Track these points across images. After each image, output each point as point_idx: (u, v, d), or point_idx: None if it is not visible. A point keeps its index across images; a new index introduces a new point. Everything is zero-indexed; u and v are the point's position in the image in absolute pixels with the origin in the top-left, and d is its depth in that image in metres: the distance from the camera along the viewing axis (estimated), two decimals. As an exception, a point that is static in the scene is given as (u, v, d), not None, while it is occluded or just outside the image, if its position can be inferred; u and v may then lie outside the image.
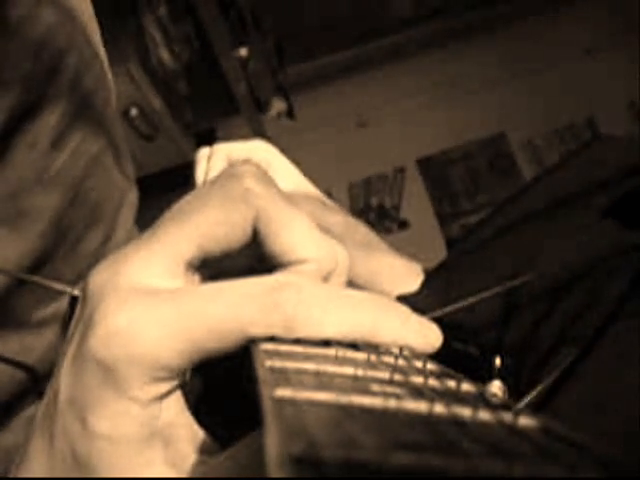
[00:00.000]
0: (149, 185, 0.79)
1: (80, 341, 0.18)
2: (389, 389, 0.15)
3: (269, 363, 0.16)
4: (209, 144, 0.51)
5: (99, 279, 0.19)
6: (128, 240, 0.46)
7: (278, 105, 1.72)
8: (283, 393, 0.13)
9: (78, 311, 0.20)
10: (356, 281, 0.47)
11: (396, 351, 0.19)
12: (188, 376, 0.20)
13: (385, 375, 0.16)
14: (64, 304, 0.40)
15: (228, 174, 0.21)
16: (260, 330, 0.18)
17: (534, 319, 0.37)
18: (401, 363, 0.18)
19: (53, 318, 0.40)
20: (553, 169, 0.48)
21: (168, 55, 1.47)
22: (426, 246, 1.29)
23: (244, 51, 1.50)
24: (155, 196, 0.72)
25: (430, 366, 0.18)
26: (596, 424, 0.28)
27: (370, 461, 0.10)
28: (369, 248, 0.50)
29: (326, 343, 0.18)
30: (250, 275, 0.19)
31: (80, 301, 0.20)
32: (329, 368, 0.16)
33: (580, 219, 0.41)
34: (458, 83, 2.03)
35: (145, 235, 0.20)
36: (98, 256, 0.42)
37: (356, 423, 0.12)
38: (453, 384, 0.17)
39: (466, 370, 0.19)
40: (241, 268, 0.23)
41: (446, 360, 0.20)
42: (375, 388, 0.15)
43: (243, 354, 0.18)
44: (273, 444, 0.10)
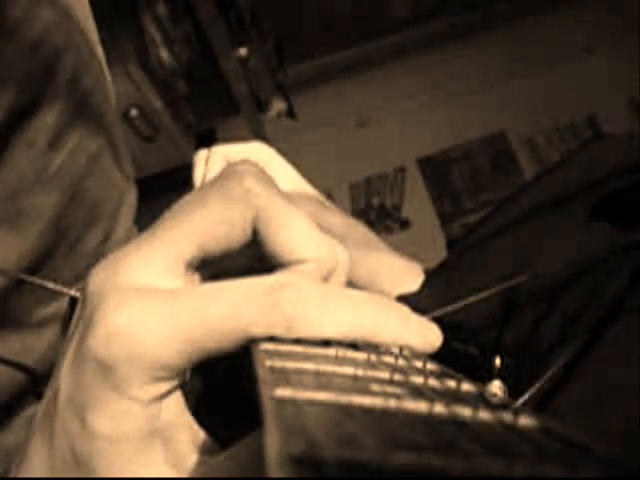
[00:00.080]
0: (149, 185, 0.79)
1: (80, 341, 0.18)
2: (389, 389, 0.15)
3: (269, 363, 0.16)
4: (209, 144, 0.52)
5: (99, 279, 0.19)
6: (127, 240, 0.46)
7: (278, 105, 1.72)
8: (283, 393, 0.13)
9: (78, 311, 0.20)
10: (356, 281, 0.47)
11: (396, 351, 0.19)
12: (188, 376, 0.20)
13: (385, 375, 0.16)
14: (64, 304, 0.40)
15: (228, 174, 0.21)
16: (260, 330, 0.18)
17: (534, 319, 0.37)
18: (401, 363, 0.18)
19: (53, 318, 0.40)
20: (553, 168, 0.48)
21: (168, 55, 1.47)
22: (428, 245, 1.29)
23: (244, 51, 1.50)
24: (155, 196, 0.72)
25: (430, 366, 0.18)
26: (596, 424, 0.28)
27: (370, 461, 0.10)
28: (369, 248, 0.50)
29: (326, 343, 0.18)
30: (250, 275, 0.19)
31: (80, 301, 0.20)
32: (329, 368, 0.16)
33: (580, 218, 0.41)
34: (458, 83, 2.03)
35: (145, 235, 0.20)
36: (97, 256, 0.42)
37: (356, 423, 0.12)
38: (453, 384, 0.17)
39: (466, 370, 0.19)
40: (241, 268, 0.23)
41: (446, 360, 0.20)
42: (375, 388, 0.15)
43: (243, 354, 0.18)
44: (273, 444, 0.10)
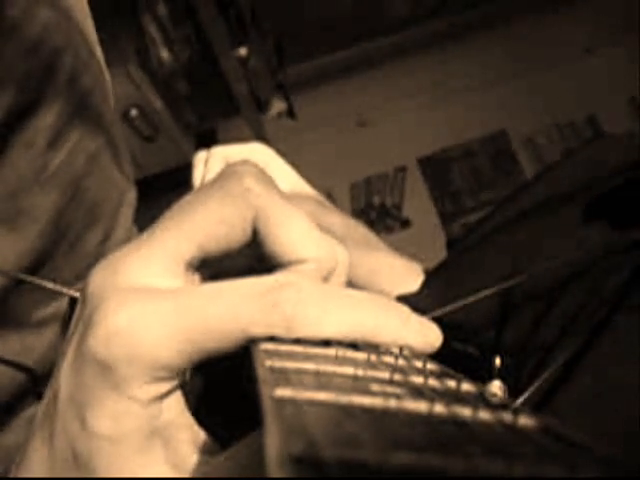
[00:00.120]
0: (149, 185, 0.79)
1: (80, 341, 0.18)
2: (389, 389, 0.15)
3: (269, 363, 0.15)
4: (209, 144, 0.52)
5: (99, 279, 0.19)
6: (127, 240, 0.46)
7: (278, 105, 1.72)
8: (283, 393, 0.13)
9: (78, 311, 0.20)
10: (356, 281, 0.47)
11: (396, 351, 0.19)
12: (188, 376, 0.20)
13: (385, 375, 0.16)
14: (64, 304, 0.40)
15: (227, 174, 0.21)
16: (260, 330, 0.18)
17: (533, 318, 0.37)
18: (401, 363, 0.18)
19: (53, 318, 0.40)
20: (554, 167, 0.48)
21: (168, 55, 1.47)
22: (428, 245, 1.29)
23: (244, 51, 1.49)
24: (155, 196, 0.72)
25: (430, 366, 0.18)
26: (596, 424, 0.28)
27: (370, 461, 0.10)
28: (369, 248, 0.50)
29: (326, 343, 0.18)
30: (250, 275, 0.19)
31: (80, 301, 0.20)
32: (329, 368, 0.16)
33: (579, 218, 0.41)
34: (458, 82, 2.03)
35: (145, 235, 0.20)
36: (97, 256, 0.42)
37: (356, 423, 0.12)
38: (453, 384, 0.17)
39: (466, 370, 0.19)
40: (241, 268, 0.23)
41: (446, 360, 0.20)
42: (375, 388, 0.15)
43: (243, 354, 0.18)
44: (273, 444, 0.10)
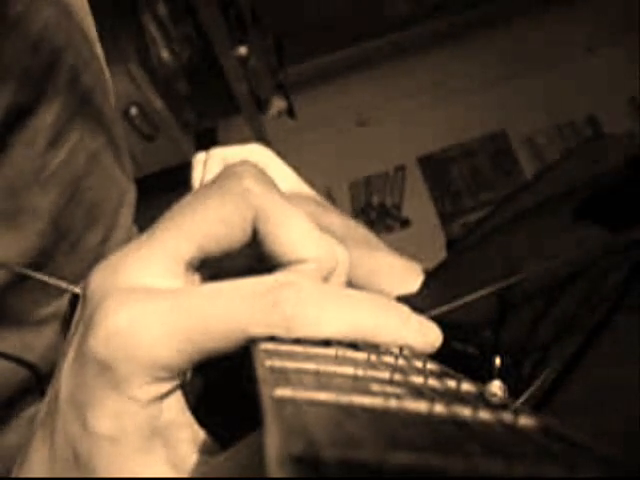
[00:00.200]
0: (149, 185, 0.79)
1: (80, 341, 0.18)
2: (389, 389, 0.15)
3: (269, 363, 0.16)
4: (209, 143, 0.52)
5: (99, 279, 0.19)
6: (127, 240, 0.46)
7: (278, 104, 1.72)
8: (283, 393, 0.13)
9: (78, 311, 0.20)
10: (356, 281, 0.47)
11: (396, 351, 0.19)
12: (188, 376, 0.20)
13: (385, 375, 0.16)
14: (64, 303, 0.40)
15: (227, 174, 0.21)
16: (260, 330, 0.18)
17: (533, 318, 0.37)
18: (401, 363, 0.18)
19: (53, 317, 0.40)
20: (553, 167, 0.48)
21: (168, 55, 1.47)
22: (428, 244, 1.29)
23: (244, 50, 1.49)
24: (155, 196, 0.72)
25: (430, 366, 0.18)
26: (596, 424, 0.28)
27: (370, 461, 0.10)
28: (369, 248, 0.50)
29: (326, 343, 0.18)
30: (250, 275, 0.19)
31: (80, 301, 0.20)
32: (329, 368, 0.16)
33: (578, 217, 0.41)
34: (458, 82, 2.02)
35: (145, 235, 0.20)
36: (97, 255, 0.42)
37: (356, 423, 0.12)
38: (453, 384, 0.17)
39: (466, 370, 0.19)
40: (241, 268, 0.23)
41: (446, 360, 0.20)
42: (375, 388, 0.15)
43: (243, 354, 0.18)
44: (273, 444, 0.10)
